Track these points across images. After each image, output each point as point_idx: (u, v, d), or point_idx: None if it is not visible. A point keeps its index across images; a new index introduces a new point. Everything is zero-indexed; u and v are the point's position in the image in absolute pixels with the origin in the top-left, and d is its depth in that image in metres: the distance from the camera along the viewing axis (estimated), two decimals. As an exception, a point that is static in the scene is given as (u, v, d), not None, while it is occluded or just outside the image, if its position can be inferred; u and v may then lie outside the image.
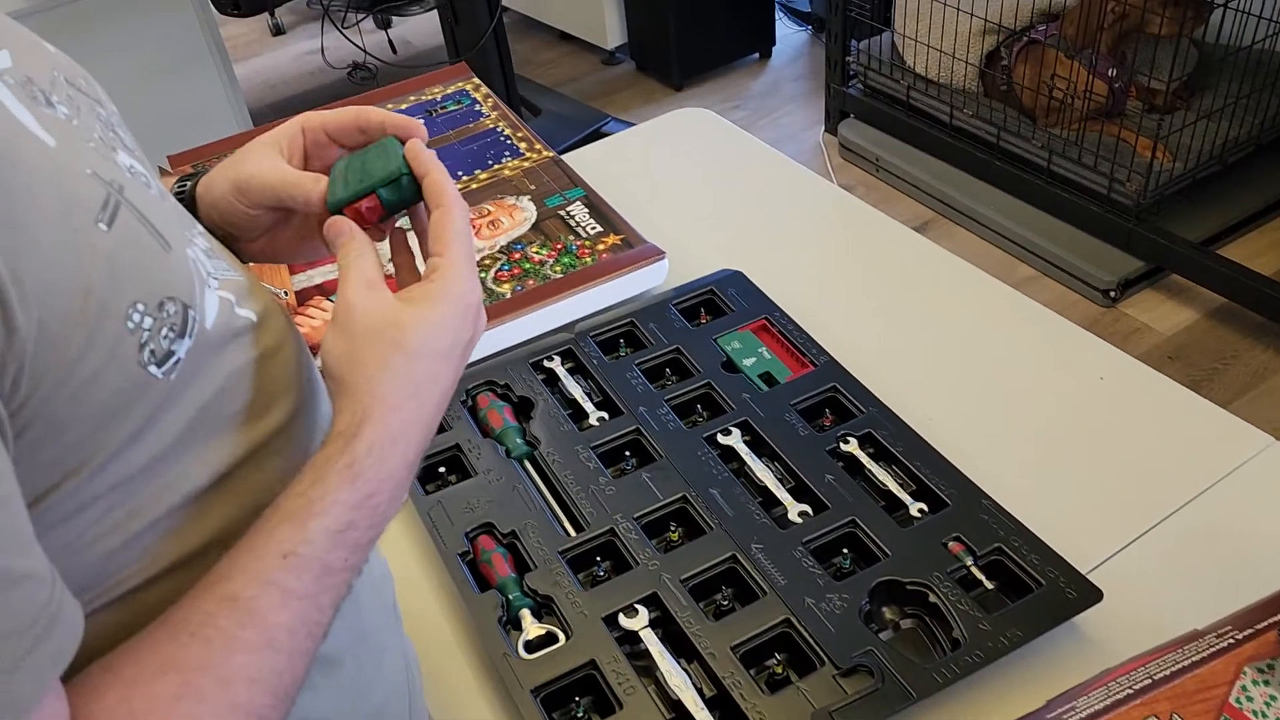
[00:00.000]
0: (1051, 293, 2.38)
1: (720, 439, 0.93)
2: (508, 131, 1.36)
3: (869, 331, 1.08)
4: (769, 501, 0.88)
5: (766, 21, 3.45)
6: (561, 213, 1.20)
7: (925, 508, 0.85)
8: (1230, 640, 0.67)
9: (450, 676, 0.81)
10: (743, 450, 0.92)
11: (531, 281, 1.10)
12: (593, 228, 1.17)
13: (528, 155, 1.31)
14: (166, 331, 0.46)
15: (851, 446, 0.91)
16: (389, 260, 0.63)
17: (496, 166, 1.29)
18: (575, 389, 1.00)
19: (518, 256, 1.13)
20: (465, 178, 1.27)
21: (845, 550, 0.83)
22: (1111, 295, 2.32)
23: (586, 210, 1.20)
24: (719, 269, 1.13)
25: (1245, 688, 0.65)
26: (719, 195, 1.33)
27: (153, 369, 0.45)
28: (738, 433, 0.93)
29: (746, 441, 0.93)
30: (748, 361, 1.02)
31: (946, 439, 0.91)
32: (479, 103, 1.42)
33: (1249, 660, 0.66)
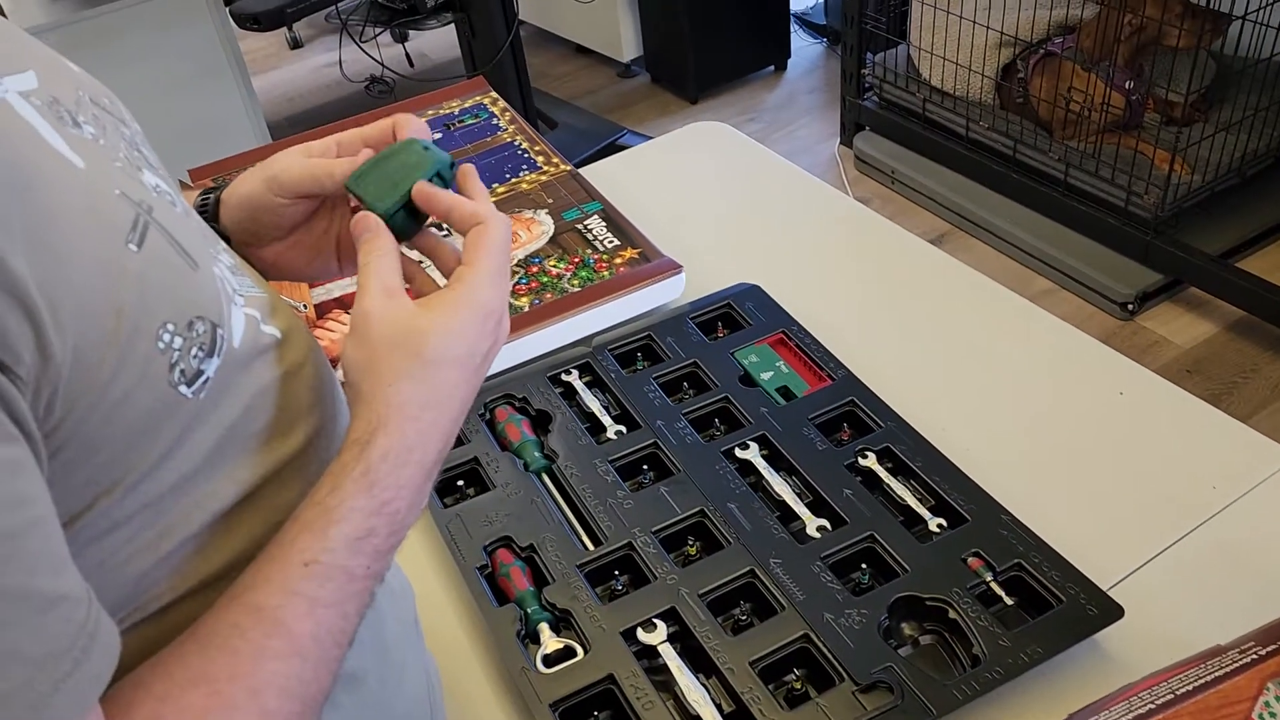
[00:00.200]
0: (1069, 306, 2.37)
1: (738, 453, 0.93)
2: (525, 145, 1.36)
3: (885, 345, 1.07)
4: (787, 516, 0.88)
5: (782, 34, 3.45)
6: (579, 226, 1.20)
7: (944, 523, 0.85)
8: (1253, 656, 0.67)
9: (469, 690, 0.81)
10: (760, 464, 0.92)
11: (549, 295, 1.10)
12: (610, 241, 1.17)
13: (545, 169, 1.31)
14: (196, 351, 0.46)
15: (870, 461, 0.91)
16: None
17: (514, 180, 1.30)
18: (593, 402, 1.00)
19: (535, 270, 1.14)
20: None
21: (864, 565, 0.83)
22: (1129, 308, 2.31)
23: (604, 224, 1.20)
24: (735, 282, 1.13)
25: (1269, 703, 0.64)
26: (735, 208, 1.34)
27: (183, 388, 0.46)
28: (755, 447, 0.93)
29: (764, 456, 0.93)
30: (765, 375, 1.02)
31: (964, 453, 0.90)
32: (496, 116, 1.43)
33: (1272, 676, 0.65)
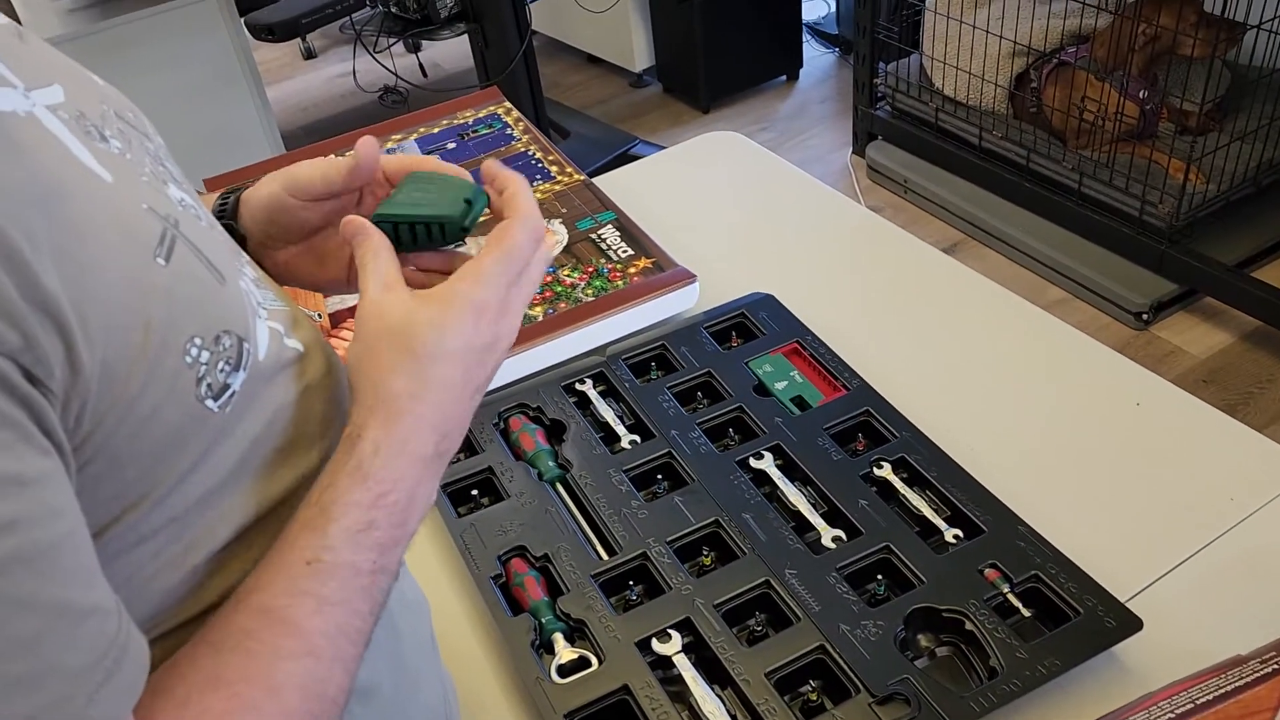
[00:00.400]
0: (1082, 315, 2.36)
1: (753, 463, 0.93)
2: (539, 155, 1.37)
3: (899, 354, 1.07)
4: (802, 526, 0.87)
5: (794, 44, 3.46)
6: (593, 236, 1.20)
7: (960, 534, 0.85)
8: (1274, 666, 0.66)
9: (483, 700, 0.80)
10: (775, 474, 0.91)
11: (563, 304, 1.10)
12: (624, 251, 1.17)
13: (559, 178, 1.32)
14: (223, 365, 0.47)
15: (885, 471, 0.90)
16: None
17: (528, 190, 1.30)
18: (607, 412, 1.00)
19: (549, 279, 1.14)
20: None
21: (880, 576, 0.83)
22: (1144, 318, 2.30)
23: (618, 233, 1.20)
24: (749, 292, 1.13)
25: (1290, 717, 0.64)
26: (748, 218, 1.34)
27: (209, 403, 0.46)
28: (770, 457, 0.93)
29: (779, 466, 0.92)
30: (780, 385, 1.01)
31: (980, 463, 0.90)
32: (510, 126, 1.43)
33: (1293, 689, 0.65)
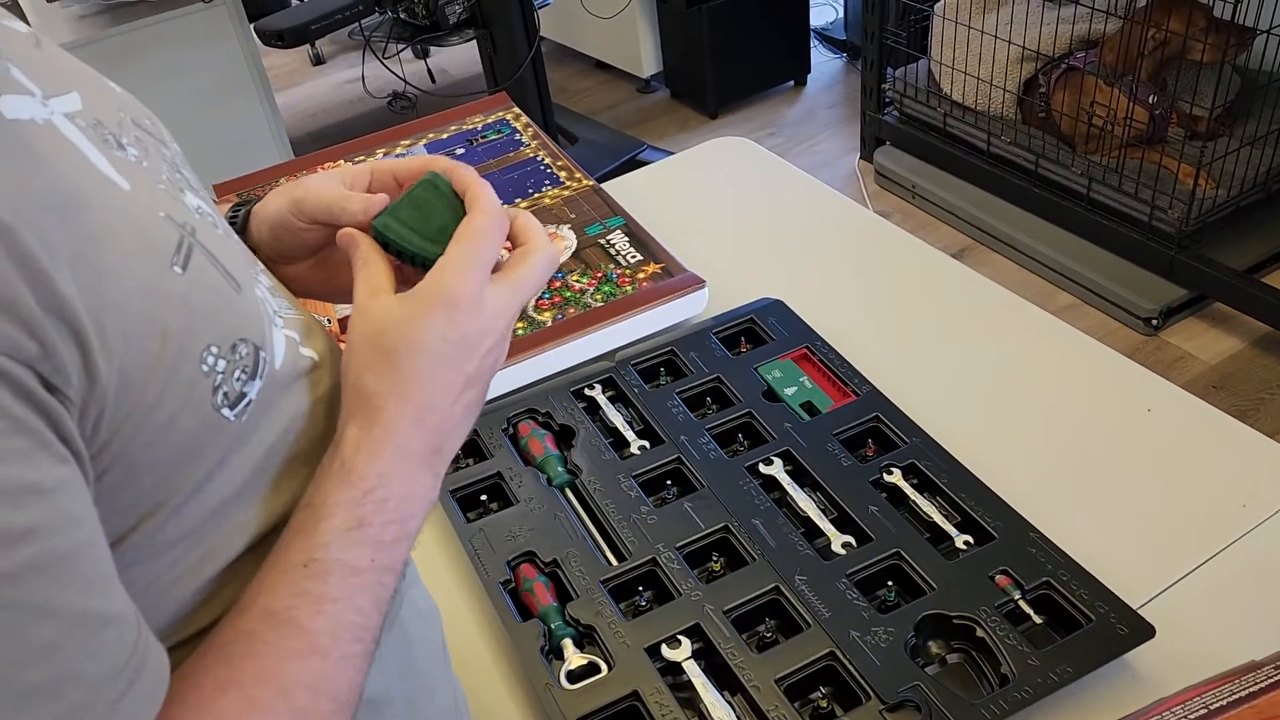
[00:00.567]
0: (1091, 320, 2.35)
1: (762, 469, 0.92)
2: (548, 160, 1.37)
3: (908, 359, 1.07)
4: (812, 532, 0.87)
5: (801, 49, 3.46)
6: (602, 241, 1.20)
7: (971, 540, 0.84)
8: (1288, 676, 0.66)
9: (492, 706, 0.80)
10: (785, 480, 0.91)
11: (572, 310, 1.10)
12: (633, 256, 1.17)
13: (568, 184, 1.32)
14: (239, 374, 0.47)
15: (895, 477, 0.90)
16: None
17: (537, 195, 1.30)
18: (616, 417, 1.00)
19: (558, 285, 1.14)
20: (506, 206, 1.28)
21: (890, 583, 0.82)
22: (1153, 323, 2.29)
23: (626, 239, 1.20)
24: (758, 297, 1.13)
25: (1304, 725, 0.64)
26: (756, 223, 1.33)
27: (225, 411, 0.46)
28: (780, 462, 0.93)
29: (789, 471, 0.92)
30: (789, 391, 1.01)
31: (990, 469, 0.90)
32: (519, 132, 1.43)
33: (1308, 698, 0.64)
